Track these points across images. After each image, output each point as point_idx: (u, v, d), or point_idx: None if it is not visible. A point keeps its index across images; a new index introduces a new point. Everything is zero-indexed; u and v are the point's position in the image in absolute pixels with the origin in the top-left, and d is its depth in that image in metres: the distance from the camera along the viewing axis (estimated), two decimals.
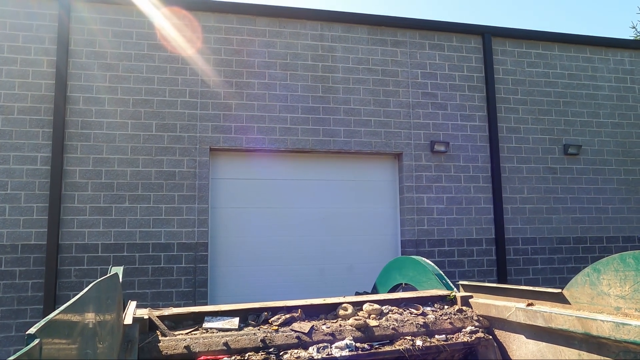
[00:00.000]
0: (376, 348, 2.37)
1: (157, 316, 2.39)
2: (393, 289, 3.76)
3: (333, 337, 2.37)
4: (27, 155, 5.56)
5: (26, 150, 5.56)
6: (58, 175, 5.54)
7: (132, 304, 2.61)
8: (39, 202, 5.49)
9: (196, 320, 2.47)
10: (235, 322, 2.42)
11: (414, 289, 3.40)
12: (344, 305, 2.70)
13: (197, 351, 2.12)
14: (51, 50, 5.76)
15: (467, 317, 2.72)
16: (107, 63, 5.92)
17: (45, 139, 5.61)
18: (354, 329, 2.46)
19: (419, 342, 2.45)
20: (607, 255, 2.37)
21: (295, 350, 2.23)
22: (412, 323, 2.58)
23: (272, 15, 6.50)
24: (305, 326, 2.42)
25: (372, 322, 2.54)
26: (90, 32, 5.92)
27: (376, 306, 2.72)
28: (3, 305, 5.27)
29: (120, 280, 2.67)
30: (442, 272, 3.29)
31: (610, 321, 1.97)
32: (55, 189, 5.51)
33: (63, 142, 5.65)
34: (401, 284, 3.62)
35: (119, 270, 2.95)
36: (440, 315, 2.72)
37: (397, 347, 2.38)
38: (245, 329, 2.36)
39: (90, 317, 1.21)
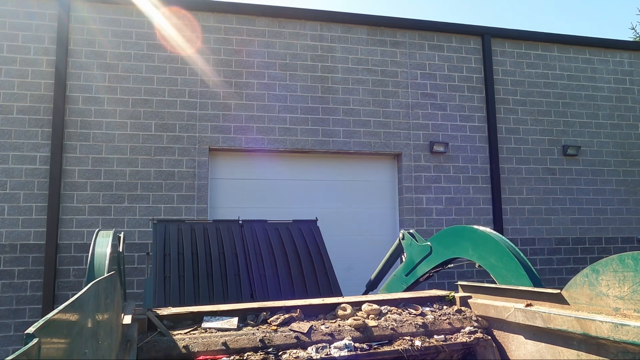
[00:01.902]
0: (375, 348, 2.37)
1: (156, 316, 2.39)
2: (449, 261, 3.31)
3: (332, 337, 2.37)
4: (26, 155, 5.55)
5: (25, 150, 5.56)
6: (57, 175, 5.54)
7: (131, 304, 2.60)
8: (38, 201, 5.48)
9: (195, 320, 2.47)
10: (234, 322, 2.42)
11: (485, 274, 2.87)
12: (342, 305, 2.70)
13: (195, 351, 2.12)
14: (51, 49, 5.75)
15: (465, 318, 2.72)
16: (106, 63, 5.92)
17: (44, 139, 5.61)
18: (353, 329, 2.46)
19: (417, 343, 2.45)
20: (605, 256, 2.38)
21: (294, 350, 2.23)
22: (410, 323, 2.58)
23: (272, 16, 6.50)
24: (304, 326, 2.42)
25: (371, 322, 2.54)
26: (90, 32, 5.92)
27: (375, 306, 2.73)
28: (2, 305, 5.26)
29: (109, 248, 2.42)
30: (539, 277, 2.71)
31: (608, 322, 1.98)
32: (54, 188, 5.50)
33: (62, 142, 5.64)
34: (473, 263, 3.09)
35: (108, 234, 2.53)
36: (439, 316, 2.73)
37: (396, 348, 2.38)
38: (244, 329, 2.36)
39: (89, 316, 1.21)
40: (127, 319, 2.17)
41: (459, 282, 3.14)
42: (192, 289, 3.74)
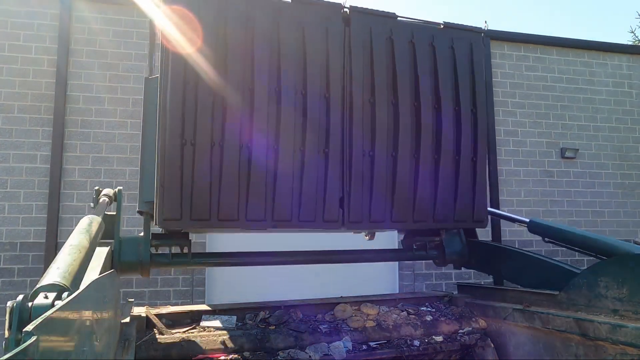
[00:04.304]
0: (373, 348, 2.37)
1: (155, 314, 2.39)
2: None
3: (330, 337, 2.37)
4: (26, 154, 5.56)
5: (26, 149, 5.57)
6: (57, 174, 5.54)
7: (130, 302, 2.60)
8: (38, 200, 5.49)
9: (194, 319, 2.47)
10: (232, 321, 2.42)
11: None
12: (341, 305, 2.71)
13: (194, 350, 2.12)
14: (52, 49, 5.76)
15: (464, 318, 2.73)
16: (107, 62, 5.93)
17: (45, 138, 5.62)
18: (352, 329, 2.47)
19: (416, 343, 2.45)
20: (603, 259, 2.38)
21: (293, 350, 2.23)
22: (409, 324, 2.58)
23: None
24: (302, 326, 2.43)
25: (370, 323, 2.55)
26: (91, 32, 5.93)
27: (374, 307, 2.73)
28: (1, 303, 5.27)
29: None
30: None
31: (607, 323, 1.98)
32: (55, 187, 5.51)
33: (63, 141, 5.65)
34: None
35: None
36: (438, 317, 2.73)
37: (395, 348, 2.38)
38: (243, 328, 2.36)
39: (87, 315, 1.21)
40: (125, 317, 2.17)
41: (458, 283, 3.15)
42: (236, 184, 1.92)
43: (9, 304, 1.02)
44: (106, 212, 2.30)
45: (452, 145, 2.35)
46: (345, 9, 2.19)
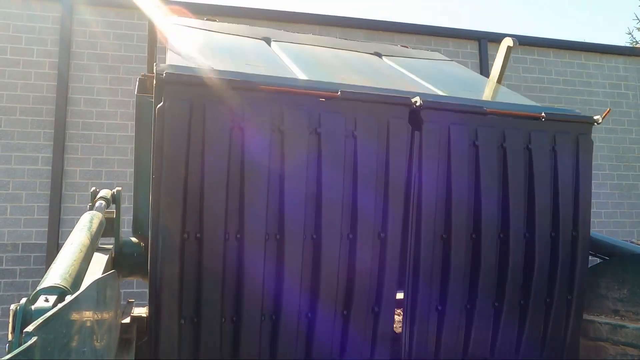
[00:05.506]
0: None
1: None
2: None
3: None
4: (28, 156, 5.58)
5: (27, 151, 5.59)
6: (59, 176, 5.56)
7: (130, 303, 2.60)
8: (39, 201, 5.51)
9: None
10: None
11: None
12: None
13: None
14: (53, 52, 5.79)
15: None
16: (108, 65, 5.95)
17: (46, 140, 5.64)
18: None
19: None
20: (601, 259, 2.37)
21: None
22: None
23: (271, 19, 6.53)
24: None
25: None
26: (92, 35, 5.96)
27: None
28: (3, 304, 5.28)
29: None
30: None
31: (607, 323, 1.97)
32: (56, 189, 5.53)
33: (64, 143, 5.67)
34: None
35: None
36: None
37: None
38: None
39: (87, 315, 1.22)
40: (126, 318, 2.17)
41: None
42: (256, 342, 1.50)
43: (12, 306, 1.04)
44: (105, 215, 2.31)
45: (545, 286, 1.79)
46: (416, 106, 1.49)
